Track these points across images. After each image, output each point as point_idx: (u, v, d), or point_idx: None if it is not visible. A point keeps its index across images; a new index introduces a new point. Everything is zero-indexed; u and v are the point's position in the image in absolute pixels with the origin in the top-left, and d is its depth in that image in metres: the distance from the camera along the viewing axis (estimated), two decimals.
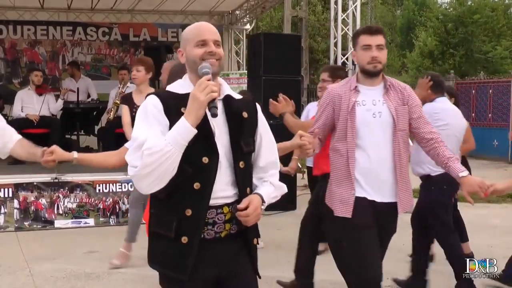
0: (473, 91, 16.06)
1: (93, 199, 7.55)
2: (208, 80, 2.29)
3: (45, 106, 9.23)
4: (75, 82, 10.47)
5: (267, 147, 2.57)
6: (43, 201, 7.45)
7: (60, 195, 7.43)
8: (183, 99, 2.34)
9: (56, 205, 7.51)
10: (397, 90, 3.44)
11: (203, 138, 2.32)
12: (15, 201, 7.39)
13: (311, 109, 5.65)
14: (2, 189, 7.36)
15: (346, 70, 8.53)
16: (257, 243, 2.57)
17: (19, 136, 3.52)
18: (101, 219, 7.58)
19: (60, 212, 7.51)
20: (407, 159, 3.44)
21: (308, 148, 3.11)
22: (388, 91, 3.41)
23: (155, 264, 2.45)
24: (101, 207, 7.59)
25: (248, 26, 13.69)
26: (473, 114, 15.77)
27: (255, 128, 2.54)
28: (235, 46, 13.69)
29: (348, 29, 8.65)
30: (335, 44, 8.57)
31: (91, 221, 7.55)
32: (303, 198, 9.37)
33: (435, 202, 4.87)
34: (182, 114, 2.28)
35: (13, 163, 8.25)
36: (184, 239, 2.33)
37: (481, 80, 16.53)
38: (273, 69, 8.49)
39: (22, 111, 9.16)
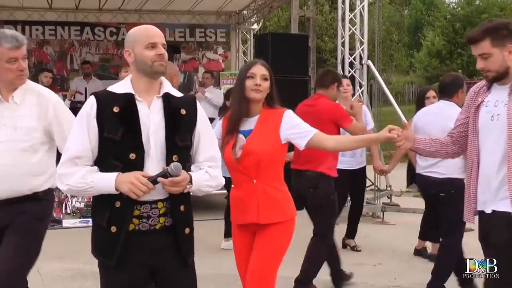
0: None
1: None
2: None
3: None
4: (85, 83, 10.51)
5: (205, 143, 2.72)
6: None
7: (68, 195, 7.44)
8: (118, 98, 2.59)
9: (64, 205, 7.55)
10: None
11: (131, 135, 2.54)
12: None
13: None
14: None
15: (354, 70, 8.52)
16: (189, 232, 2.68)
17: None
18: None
19: (68, 211, 7.55)
20: None
21: (398, 141, 3.09)
22: None
23: (93, 251, 2.68)
24: None
25: (255, 26, 13.68)
26: None
27: (193, 125, 2.69)
28: (243, 46, 13.69)
29: (355, 29, 8.63)
30: (343, 44, 8.55)
31: None
32: None
33: None
34: (115, 113, 2.54)
35: None
36: (113, 229, 2.54)
37: None
38: (281, 69, 8.48)
39: None
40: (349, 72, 8.47)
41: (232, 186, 3.41)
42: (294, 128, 3.27)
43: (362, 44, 8.61)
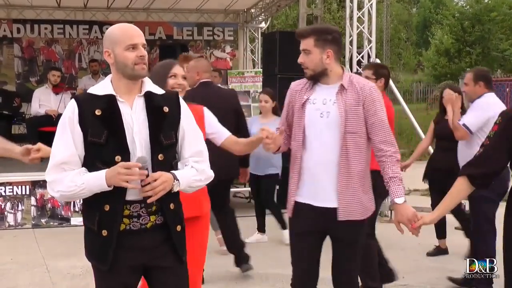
0: None
1: None
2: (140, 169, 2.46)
3: (62, 105, 9.31)
4: (94, 81, 10.55)
5: (190, 138, 2.70)
6: None
7: None
8: (100, 100, 2.54)
9: (72, 203, 7.57)
10: (355, 89, 3.20)
11: (115, 138, 2.50)
12: (32, 198, 7.47)
13: None
14: (19, 187, 7.44)
15: (362, 68, 8.51)
16: (181, 229, 2.68)
17: None
18: None
19: (77, 209, 7.57)
20: (360, 163, 3.19)
21: (267, 143, 3.17)
22: (343, 89, 3.19)
23: (87, 255, 2.66)
24: None
25: (263, 25, 13.67)
26: None
27: (177, 122, 2.66)
28: (250, 45, 13.68)
29: (363, 27, 8.61)
30: (351, 42, 8.53)
31: None
32: None
33: (482, 198, 4.66)
34: (97, 116, 2.50)
35: None
36: (104, 232, 2.52)
37: (497, 78, 16.44)
38: (288, 67, 8.46)
39: (40, 109, 9.26)
40: (357, 70, 8.46)
41: None
42: (215, 126, 3.49)
43: (370, 43, 8.60)
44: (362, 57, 8.55)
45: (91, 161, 2.52)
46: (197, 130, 2.78)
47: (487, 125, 4.64)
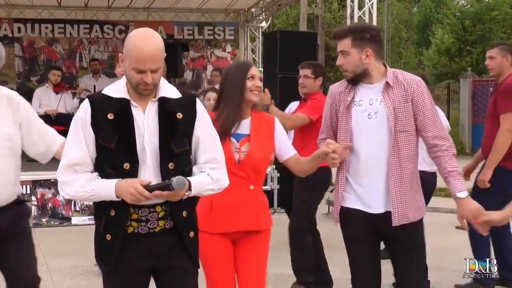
0: (491, 89, 15.92)
1: None
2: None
3: (62, 104, 9.33)
4: (94, 81, 10.56)
5: (206, 144, 2.61)
6: (60, 198, 7.52)
7: None
8: (113, 103, 2.48)
9: (73, 202, 7.58)
10: (401, 84, 3.05)
11: (126, 144, 2.46)
12: (33, 198, 7.46)
13: (292, 108, 5.63)
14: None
15: None
16: (194, 235, 2.64)
17: (64, 138, 3.47)
18: None
19: (77, 209, 7.58)
20: (411, 162, 3.06)
21: (334, 158, 2.94)
22: (389, 87, 3.04)
23: (95, 255, 2.65)
24: None
25: (264, 24, 13.68)
26: None
27: (191, 127, 2.57)
28: (251, 44, 13.70)
29: None
30: None
31: None
32: None
33: None
34: (109, 120, 2.46)
35: (31, 160, 8.33)
36: (108, 237, 2.53)
37: None
38: (289, 66, 8.45)
39: (40, 108, 9.27)
40: None
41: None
42: (284, 139, 3.23)
43: None
44: None
45: (101, 165, 2.51)
46: (214, 136, 2.67)
47: None
